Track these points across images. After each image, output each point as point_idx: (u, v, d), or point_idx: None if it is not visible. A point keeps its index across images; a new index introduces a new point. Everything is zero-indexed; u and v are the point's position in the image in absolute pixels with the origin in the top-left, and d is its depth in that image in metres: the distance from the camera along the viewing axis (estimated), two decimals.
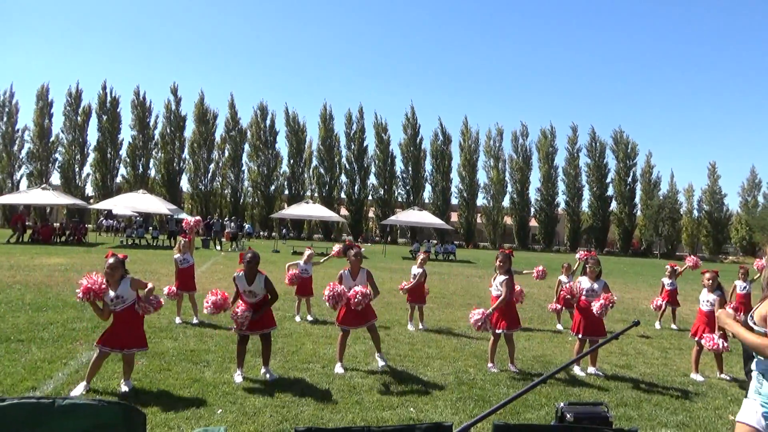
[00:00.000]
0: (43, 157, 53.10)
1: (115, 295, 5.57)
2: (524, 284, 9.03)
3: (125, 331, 5.61)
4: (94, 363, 5.60)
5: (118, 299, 5.57)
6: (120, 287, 5.59)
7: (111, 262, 5.62)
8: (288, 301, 10.96)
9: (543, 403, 5.91)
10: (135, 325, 5.72)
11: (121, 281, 5.60)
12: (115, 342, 5.57)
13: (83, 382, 5.55)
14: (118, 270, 5.62)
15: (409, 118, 58.78)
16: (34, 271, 15.11)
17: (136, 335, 5.73)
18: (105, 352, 5.59)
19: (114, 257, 5.71)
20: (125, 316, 5.61)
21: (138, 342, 5.74)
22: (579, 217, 59.52)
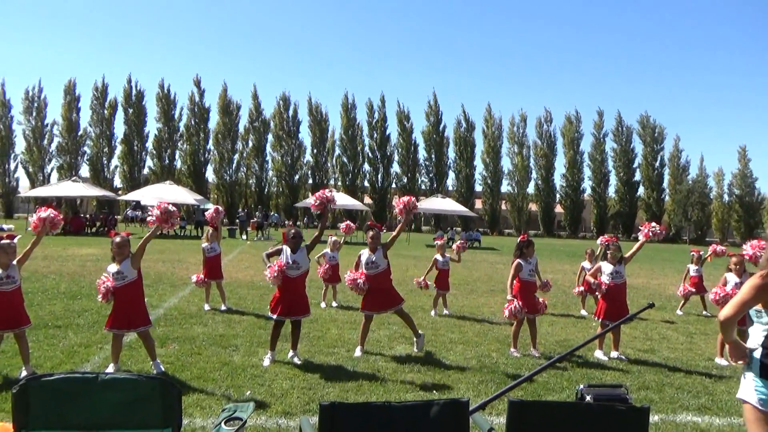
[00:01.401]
0: (72, 151, 54.30)
1: (117, 271, 5.73)
2: (547, 270, 9.08)
3: (128, 309, 5.76)
4: (114, 345, 5.81)
5: (119, 275, 5.71)
6: (122, 264, 5.75)
7: (119, 241, 5.79)
8: (313, 288, 11.15)
9: (564, 386, 5.98)
10: (136, 302, 5.86)
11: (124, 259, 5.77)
12: (123, 322, 5.74)
13: (112, 364, 5.78)
14: (127, 248, 5.81)
15: (431, 105, 58.54)
16: (68, 262, 15.60)
17: (140, 312, 5.87)
18: (118, 334, 5.78)
19: (119, 236, 5.88)
20: (126, 294, 5.73)
21: (144, 319, 5.88)
22: (606, 203, 58.75)
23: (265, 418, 4.72)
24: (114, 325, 5.75)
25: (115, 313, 5.78)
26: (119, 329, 5.77)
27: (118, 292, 5.73)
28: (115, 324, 5.75)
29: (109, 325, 5.77)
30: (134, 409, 2.17)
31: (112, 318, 5.78)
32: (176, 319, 8.49)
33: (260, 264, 8.68)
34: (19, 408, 2.11)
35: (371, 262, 6.98)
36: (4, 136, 53.88)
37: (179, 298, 10.44)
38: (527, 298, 7.29)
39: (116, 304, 5.78)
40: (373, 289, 6.96)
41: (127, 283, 5.74)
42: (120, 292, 5.73)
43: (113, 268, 5.77)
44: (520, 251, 7.43)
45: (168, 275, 13.42)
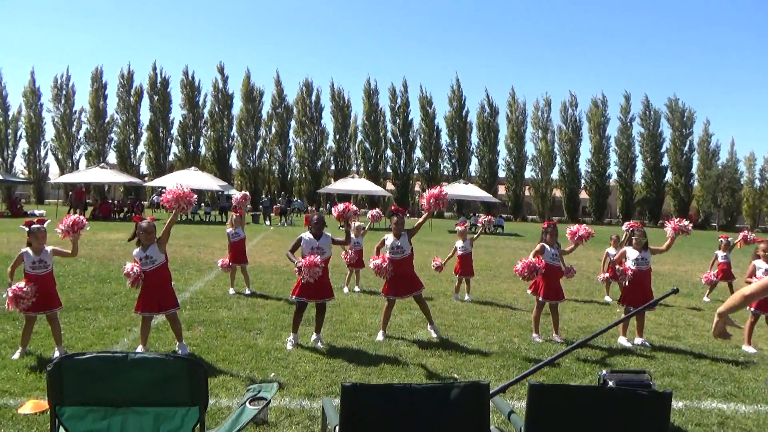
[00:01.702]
0: (100, 137, 55.26)
1: (146, 255, 5.82)
2: (571, 256, 8.98)
3: (158, 292, 5.87)
4: (143, 328, 5.93)
5: (148, 259, 5.82)
6: (149, 249, 5.85)
7: (145, 226, 5.87)
8: (337, 273, 11.24)
9: (587, 371, 5.96)
10: (165, 285, 5.98)
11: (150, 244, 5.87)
12: (153, 305, 5.85)
13: (140, 345, 5.93)
14: (153, 233, 5.89)
15: (454, 90, 58.04)
16: (97, 246, 15.96)
17: (169, 295, 5.99)
18: (148, 316, 5.91)
19: (145, 221, 5.97)
20: (155, 277, 5.83)
21: (173, 302, 5.99)
22: (632, 189, 57.75)
23: (288, 400, 4.81)
24: (144, 308, 5.85)
25: (145, 296, 5.87)
26: (150, 312, 5.90)
27: (148, 276, 5.81)
28: (146, 307, 5.86)
29: (140, 308, 5.87)
30: (162, 388, 2.25)
31: (142, 301, 5.88)
32: (202, 303, 8.65)
33: (284, 249, 8.78)
34: (54, 385, 2.20)
35: (396, 247, 7.01)
36: (35, 124, 55.08)
37: (205, 282, 10.63)
38: (551, 282, 7.25)
39: (145, 288, 5.86)
40: (397, 274, 7.00)
41: (156, 266, 5.85)
42: (149, 276, 5.82)
43: (140, 252, 5.87)
44: (542, 237, 7.43)
45: (194, 260, 13.65)
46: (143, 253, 5.84)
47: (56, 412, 2.25)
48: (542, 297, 7.27)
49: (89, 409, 2.27)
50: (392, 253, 7.01)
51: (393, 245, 7.02)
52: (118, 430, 2.28)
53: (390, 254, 7.01)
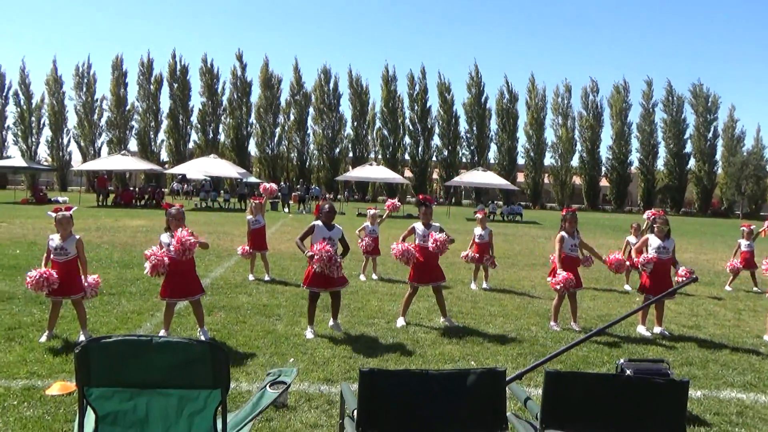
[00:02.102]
0: (121, 125, 55.94)
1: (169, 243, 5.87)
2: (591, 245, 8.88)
3: (185, 278, 5.94)
4: (167, 313, 6.04)
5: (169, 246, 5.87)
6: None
7: (174, 212, 5.98)
8: (354, 260, 11.30)
9: (605, 360, 5.95)
10: (192, 271, 6.06)
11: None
12: (180, 291, 5.94)
13: (163, 329, 6.05)
14: (182, 219, 5.99)
15: (473, 76, 57.54)
16: (119, 233, 16.23)
17: (195, 280, 6.09)
18: (172, 302, 6.01)
19: (174, 207, 6.06)
20: (183, 263, 5.87)
21: (199, 287, 6.09)
22: (654, 176, 56.93)
23: (307, 384, 4.89)
24: (172, 294, 5.92)
25: (172, 282, 5.90)
26: (176, 298, 5.98)
27: (175, 261, 5.83)
28: (173, 293, 5.93)
29: (167, 294, 5.93)
30: (186, 371, 2.31)
31: (168, 287, 5.92)
32: (222, 289, 8.78)
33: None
34: (82, 367, 2.28)
35: (427, 236, 7.05)
36: (57, 112, 55.90)
37: (225, 268, 10.77)
38: (571, 271, 7.22)
39: (171, 274, 5.87)
40: (425, 262, 7.03)
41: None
42: (177, 262, 5.82)
43: (167, 239, 5.91)
44: (561, 225, 7.40)
45: (214, 246, 13.82)
46: (172, 239, 5.87)
47: (84, 393, 2.33)
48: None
49: (115, 390, 2.34)
50: (422, 240, 7.04)
51: (424, 233, 7.06)
52: (144, 411, 2.35)
53: (421, 242, 7.05)
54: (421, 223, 7.15)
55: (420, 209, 7.24)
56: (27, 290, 7.79)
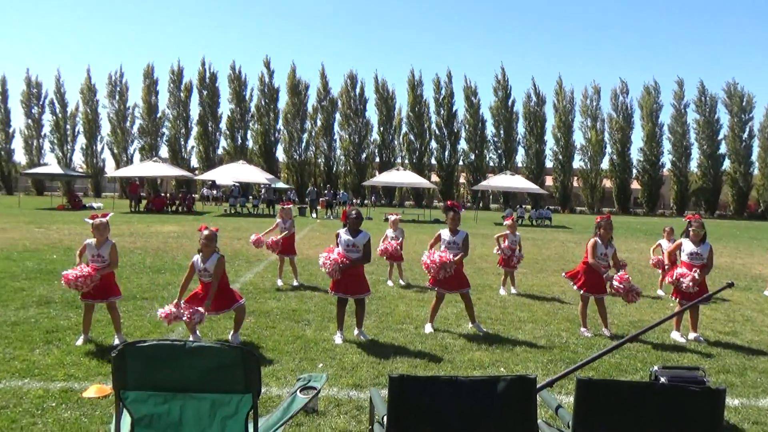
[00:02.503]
0: (152, 132, 57.09)
1: (204, 268, 5.97)
2: (622, 249, 8.76)
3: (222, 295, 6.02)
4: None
5: (206, 272, 5.97)
6: (209, 261, 5.97)
7: (207, 234, 6.03)
8: (381, 266, 11.32)
9: (638, 367, 5.83)
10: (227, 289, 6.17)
11: (211, 255, 5.98)
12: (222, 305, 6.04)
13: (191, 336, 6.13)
14: (213, 242, 6.03)
15: (499, 79, 57.14)
16: (151, 238, 16.56)
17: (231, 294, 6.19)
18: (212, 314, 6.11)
19: (208, 230, 6.11)
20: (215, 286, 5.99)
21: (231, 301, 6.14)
22: (687, 178, 55.59)
23: (336, 390, 4.91)
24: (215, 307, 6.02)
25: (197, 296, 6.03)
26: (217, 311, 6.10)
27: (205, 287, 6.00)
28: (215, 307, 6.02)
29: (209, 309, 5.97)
30: (218, 375, 2.35)
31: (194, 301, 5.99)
32: (251, 294, 8.88)
33: (330, 242, 8.90)
34: (118, 370, 2.34)
35: (453, 242, 7.02)
36: (91, 120, 57.36)
37: (254, 273, 10.90)
38: (593, 277, 7.10)
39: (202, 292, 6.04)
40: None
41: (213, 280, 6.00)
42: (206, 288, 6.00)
43: (199, 264, 5.99)
44: (595, 232, 7.24)
45: (243, 252, 14.00)
46: (203, 265, 5.99)
47: (120, 396, 2.39)
48: (584, 291, 7.14)
49: (150, 394, 2.40)
50: (448, 248, 7.01)
51: (448, 241, 7.03)
52: (178, 415, 2.40)
53: (446, 248, 7.02)
54: (448, 230, 7.12)
55: (447, 215, 7.20)
56: (64, 294, 8.04)
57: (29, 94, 57.89)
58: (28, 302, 7.73)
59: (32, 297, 8.05)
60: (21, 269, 10.29)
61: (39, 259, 11.64)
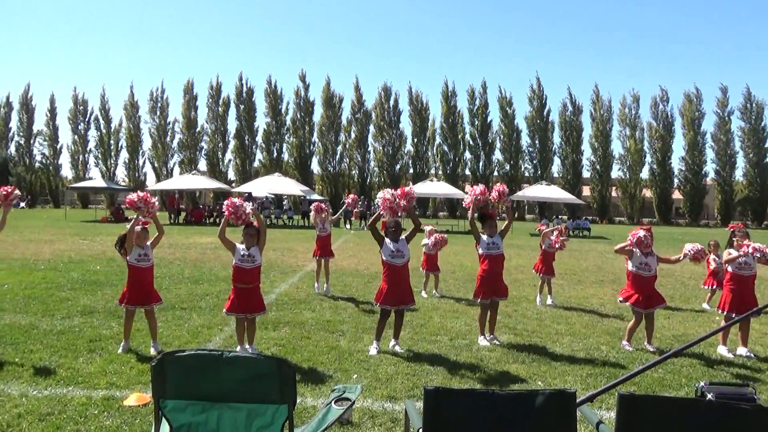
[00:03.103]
0: (191, 146, 58.50)
1: (249, 254, 6.05)
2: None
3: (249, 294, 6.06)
4: (238, 329, 6.18)
5: (249, 258, 6.04)
6: (252, 249, 6.08)
7: (249, 229, 6.14)
8: (415, 276, 11.26)
9: (683, 383, 5.63)
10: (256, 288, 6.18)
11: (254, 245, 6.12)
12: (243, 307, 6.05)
13: (239, 345, 6.19)
14: (255, 236, 6.13)
15: (534, 89, 56.63)
16: (190, 249, 16.91)
17: (259, 298, 6.22)
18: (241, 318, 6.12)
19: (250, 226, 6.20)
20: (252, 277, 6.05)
21: (260, 307, 6.20)
22: (732, 188, 53.78)
23: (371, 401, 4.88)
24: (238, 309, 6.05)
25: (238, 297, 6.06)
26: (241, 313, 6.11)
27: (243, 273, 6.03)
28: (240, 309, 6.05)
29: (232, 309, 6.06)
30: (255, 385, 2.37)
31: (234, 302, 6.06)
32: (287, 305, 8.96)
33: (364, 252, 8.88)
34: (158, 379, 2.38)
35: (492, 243, 7.06)
36: (134, 135, 59.20)
37: (289, 284, 10.99)
38: (642, 290, 6.87)
39: (239, 287, 6.05)
40: (493, 271, 7.01)
41: (254, 266, 6.07)
42: (244, 274, 6.03)
43: (241, 247, 6.10)
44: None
45: (278, 263, 14.15)
46: (246, 250, 6.07)
47: (159, 405, 2.43)
48: (636, 306, 6.91)
49: (189, 403, 2.43)
50: (488, 249, 7.04)
51: (488, 242, 7.05)
52: (215, 424, 2.43)
53: (487, 250, 7.03)
54: (487, 234, 7.11)
55: (485, 224, 7.20)
56: (107, 304, 8.27)
57: (76, 111, 60.20)
58: (72, 312, 7.97)
59: (77, 307, 8.30)
60: (66, 279, 10.63)
61: (83, 269, 12.01)
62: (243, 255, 6.07)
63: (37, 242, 17.96)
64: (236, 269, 6.09)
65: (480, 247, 7.10)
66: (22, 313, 7.80)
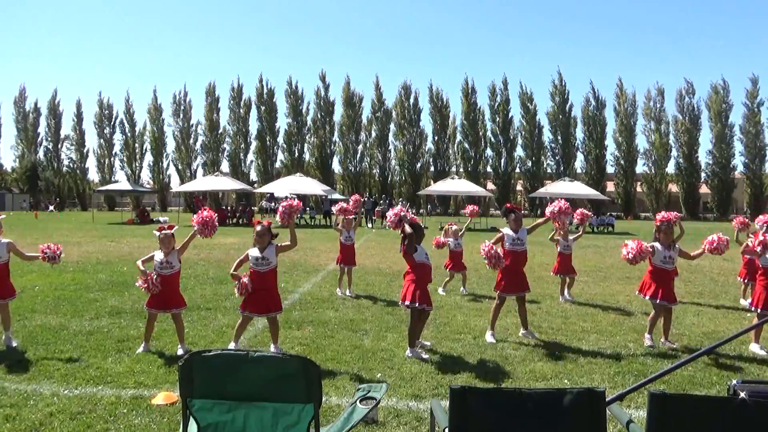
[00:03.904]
0: (214, 148, 59.28)
1: (262, 257, 6.04)
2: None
3: (267, 294, 6.04)
4: (240, 326, 6.17)
5: (264, 260, 6.02)
6: (266, 250, 6.06)
7: (259, 230, 6.13)
8: (437, 275, 11.23)
9: (714, 381, 5.51)
10: (274, 288, 6.19)
11: (268, 246, 6.09)
12: (261, 307, 6.04)
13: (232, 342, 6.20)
14: (266, 236, 6.10)
15: (556, 84, 56.17)
16: (214, 250, 17.09)
17: (276, 297, 6.21)
18: (249, 317, 6.14)
19: (261, 225, 6.20)
20: (266, 279, 6.03)
21: (276, 305, 6.17)
22: (762, 181, 52.61)
23: (395, 400, 4.87)
24: (252, 309, 6.04)
25: (253, 297, 6.03)
26: (256, 314, 6.13)
27: (259, 276, 6.01)
28: (254, 308, 6.05)
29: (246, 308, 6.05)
30: (281, 385, 2.37)
31: (248, 301, 6.05)
32: (310, 304, 9.00)
33: (386, 251, 8.85)
34: (185, 379, 2.40)
35: (516, 239, 6.99)
36: (158, 138, 60.18)
37: (312, 284, 11.04)
38: (660, 285, 6.76)
39: (256, 289, 6.02)
40: (513, 268, 6.94)
41: (270, 268, 6.07)
42: (260, 277, 6.02)
43: (255, 252, 6.09)
44: (655, 237, 6.98)
45: (301, 262, 14.22)
46: (260, 253, 6.07)
47: (187, 404, 2.45)
48: (659, 299, 6.80)
49: (215, 402, 2.45)
50: (512, 244, 6.98)
51: (513, 238, 7.00)
52: (242, 423, 2.44)
53: (511, 246, 6.96)
54: (511, 229, 7.04)
55: (509, 217, 7.15)
56: (134, 305, 8.40)
57: (102, 115, 61.43)
58: (101, 312, 8.12)
59: (105, 307, 8.45)
60: (94, 281, 10.83)
61: (111, 271, 12.23)
62: (257, 258, 6.04)
63: (66, 244, 18.27)
64: (252, 273, 6.07)
65: (505, 242, 7.04)
66: (52, 314, 7.97)
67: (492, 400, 2.47)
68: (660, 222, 7.04)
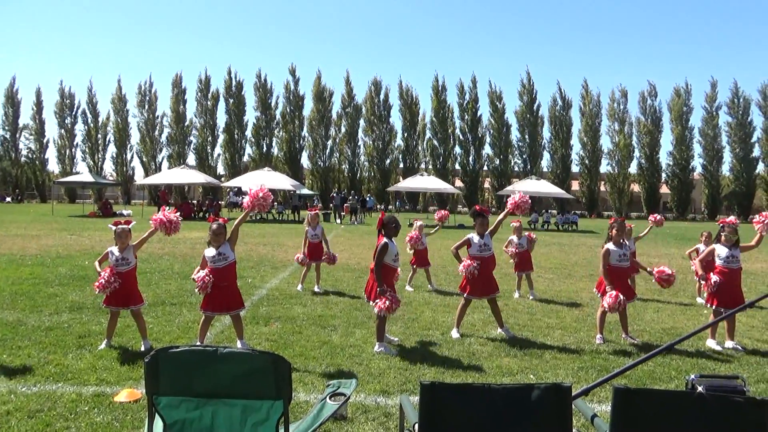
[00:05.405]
0: (180, 140, 58.15)
1: (218, 253, 5.88)
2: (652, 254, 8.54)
3: (227, 292, 5.92)
4: (202, 325, 6.03)
5: (220, 256, 5.87)
6: (222, 246, 5.90)
7: (214, 228, 5.94)
8: (405, 271, 11.28)
9: (672, 375, 5.68)
10: (233, 285, 6.06)
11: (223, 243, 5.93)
12: (221, 305, 5.92)
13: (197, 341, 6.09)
14: (223, 234, 5.94)
15: (524, 84, 56.84)
16: (179, 244, 16.79)
17: (236, 295, 6.09)
18: (210, 316, 6.01)
19: (216, 222, 6.05)
20: (226, 276, 5.88)
21: (239, 301, 6.08)
22: (719, 182, 54.44)
23: (363, 396, 4.88)
24: (214, 308, 5.92)
25: (213, 295, 5.88)
26: (217, 312, 6.01)
27: (218, 273, 5.85)
28: (215, 307, 5.91)
29: (207, 307, 5.93)
30: (250, 381, 2.34)
31: (209, 300, 5.91)
32: (278, 300, 8.92)
33: (354, 247, 8.85)
34: (151, 375, 2.35)
35: (483, 245, 7.02)
36: (122, 129, 58.71)
37: (280, 279, 10.95)
38: (617, 285, 6.93)
39: (215, 287, 5.86)
40: (482, 273, 6.95)
41: (228, 264, 5.91)
42: (219, 274, 5.85)
43: (211, 251, 5.93)
44: (608, 236, 7.15)
45: (269, 257, 14.10)
46: (215, 251, 5.91)
47: (153, 401, 2.40)
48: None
49: (182, 399, 2.40)
50: (480, 251, 7.00)
51: (480, 244, 7.02)
52: (209, 420, 2.40)
53: (477, 252, 6.99)
54: (477, 234, 7.07)
55: (476, 220, 7.17)
56: (96, 300, 8.19)
57: (63, 104, 59.57)
58: (61, 307, 7.89)
59: (65, 302, 8.21)
60: (54, 275, 10.51)
61: (71, 265, 11.89)
62: (214, 256, 5.90)
63: (24, 237, 17.76)
64: (211, 271, 5.89)
65: (471, 248, 7.07)
66: (9, 309, 7.71)
67: (461, 395, 2.49)
68: (613, 221, 7.26)
